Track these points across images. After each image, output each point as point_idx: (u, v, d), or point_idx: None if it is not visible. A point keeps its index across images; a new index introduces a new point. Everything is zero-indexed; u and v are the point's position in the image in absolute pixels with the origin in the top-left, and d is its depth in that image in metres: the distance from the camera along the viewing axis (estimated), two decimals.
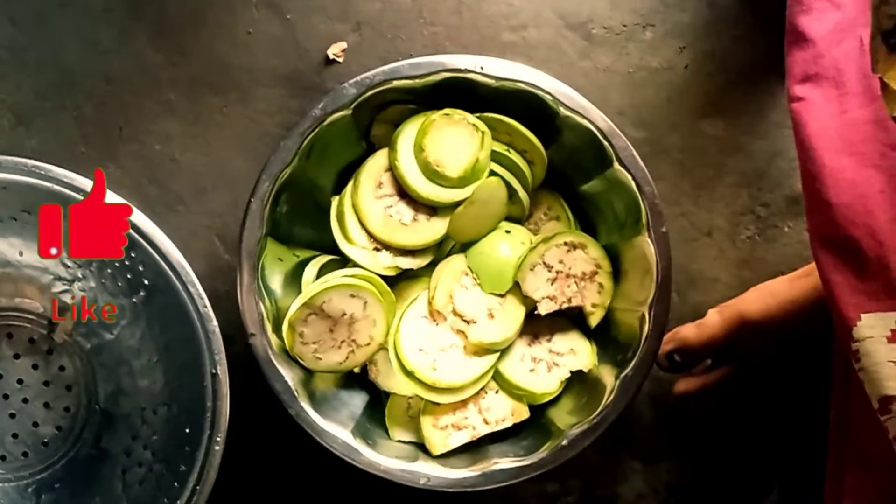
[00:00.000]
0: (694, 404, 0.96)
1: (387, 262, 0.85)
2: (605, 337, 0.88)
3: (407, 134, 0.84)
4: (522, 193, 0.87)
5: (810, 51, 0.64)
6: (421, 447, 0.87)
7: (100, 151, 0.97)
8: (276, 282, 0.85)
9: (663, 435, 0.99)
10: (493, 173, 0.85)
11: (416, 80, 0.82)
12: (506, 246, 0.86)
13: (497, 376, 0.87)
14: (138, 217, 0.83)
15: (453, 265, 0.86)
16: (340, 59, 0.98)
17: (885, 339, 0.67)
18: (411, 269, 0.86)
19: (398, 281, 0.88)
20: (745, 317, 0.90)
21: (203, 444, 0.82)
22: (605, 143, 0.81)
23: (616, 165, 0.82)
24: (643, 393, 0.97)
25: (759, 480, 0.98)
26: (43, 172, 0.82)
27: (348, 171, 0.88)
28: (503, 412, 0.87)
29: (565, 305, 0.86)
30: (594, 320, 0.87)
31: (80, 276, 0.90)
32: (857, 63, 0.64)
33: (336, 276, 0.84)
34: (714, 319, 0.92)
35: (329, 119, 0.81)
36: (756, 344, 0.91)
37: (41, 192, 0.82)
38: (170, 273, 0.83)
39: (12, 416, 0.93)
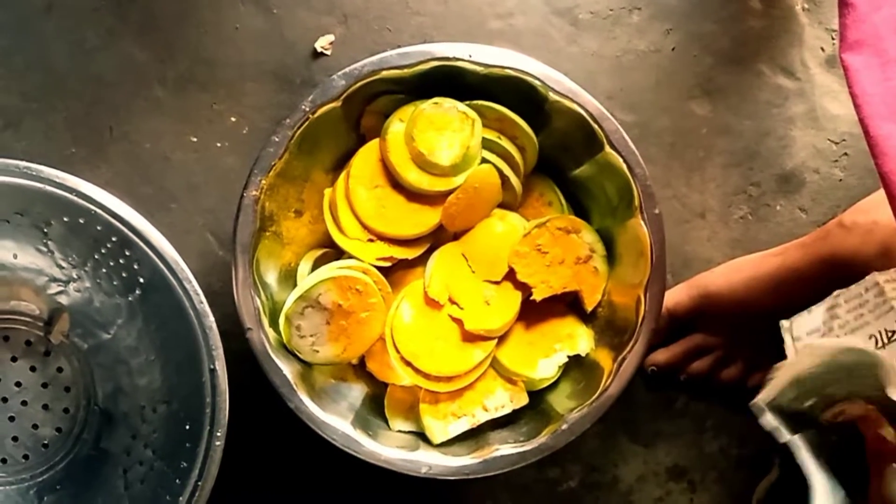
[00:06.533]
0: (669, 377, 0.98)
1: (381, 253, 0.85)
2: (602, 320, 0.88)
3: (397, 124, 0.84)
4: (514, 180, 0.87)
5: (851, 16, 0.64)
6: (421, 436, 0.87)
7: (90, 152, 0.97)
8: (271, 276, 0.85)
9: (662, 417, 0.99)
10: (484, 161, 0.86)
11: (405, 70, 0.82)
12: (499, 233, 0.86)
13: (495, 363, 0.87)
14: (132, 215, 0.83)
15: (448, 254, 0.86)
16: (328, 52, 0.98)
17: None
18: (406, 259, 0.86)
19: (393, 271, 0.88)
20: (707, 289, 0.94)
21: (203, 439, 0.82)
22: (596, 127, 0.81)
23: (607, 149, 0.82)
24: (641, 376, 0.97)
25: (758, 459, 0.99)
26: (34, 173, 0.82)
27: (340, 164, 0.88)
28: (502, 399, 0.87)
29: (561, 290, 0.86)
30: (590, 304, 0.87)
31: (75, 276, 0.90)
32: None
33: (331, 268, 0.84)
34: (679, 289, 0.95)
35: (319, 112, 0.81)
36: (716, 316, 0.94)
37: (33, 193, 0.82)
38: (165, 271, 0.83)
39: (11, 419, 0.93)
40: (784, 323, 0.78)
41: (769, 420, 0.76)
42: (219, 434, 0.82)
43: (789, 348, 0.77)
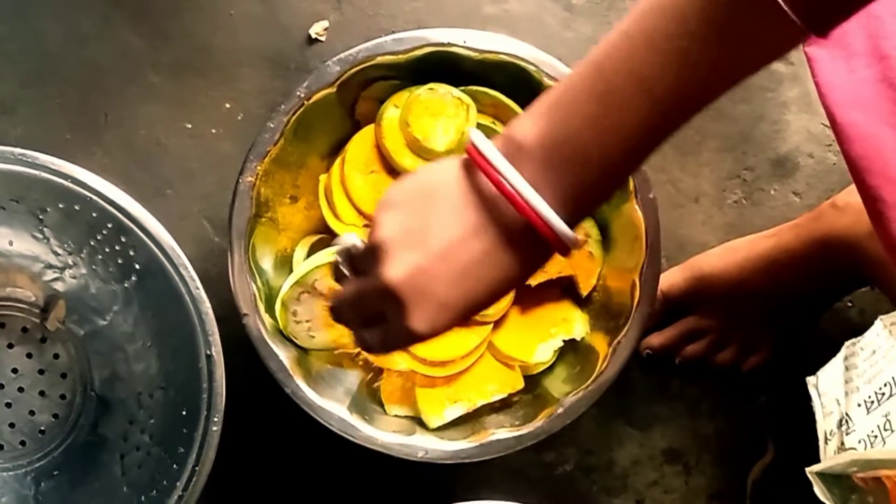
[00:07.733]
0: (664, 360, 0.98)
1: None
2: (597, 305, 0.88)
3: (392, 110, 0.84)
4: None
5: None
6: (417, 420, 0.87)
7: (85, 138, 0.97)
8: (267, 262, 0.86)
9: (657, 401, 0.99)
10: None
11: (400, 56, 0.82)
12: None
13: (491, 348, 0.88)
14: (127, 202, 0.83)
15: None
16: (323, 38, 0.98)
17: None
18: None
19: None
20: (702, 270, 0.94)
21: (200, 425, 0.83)
22: None
23: None
24: (636, 359, 0.97)
25: (752, 442, 0.99)
26: (30, 160, 0.82)
27: (335, 150, 0.88)
28: (498, 383, 0.88)
29: (556, 275, 0.86)
30: (585, 289, 0.88)
31: (70, 263, 0.90)
32: (862, 23, 0.64)
33: (327, 254, 0.84)
34: (674, 271, 0.95)
35: (314, 98, 0.82)
36: (711, 298, 0.94)
37: (29, 180, 0.82)
38: (161, 257, 0.83)
39: (8, 405, 0.93)
40: (810, 379, 0.76)
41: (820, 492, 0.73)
42: (215, 419, 0.83)
43: (817, 406, 0.76)
